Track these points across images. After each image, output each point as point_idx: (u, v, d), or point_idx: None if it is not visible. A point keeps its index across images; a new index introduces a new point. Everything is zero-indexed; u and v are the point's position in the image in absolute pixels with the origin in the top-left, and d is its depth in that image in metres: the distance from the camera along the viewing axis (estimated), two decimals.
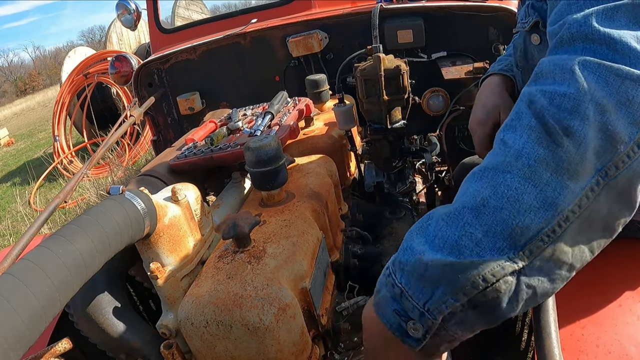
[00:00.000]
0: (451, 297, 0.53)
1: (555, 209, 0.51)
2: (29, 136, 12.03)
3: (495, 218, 0.52)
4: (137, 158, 6.10)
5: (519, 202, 0.51)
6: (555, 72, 0.54)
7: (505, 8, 1.94)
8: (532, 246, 0.51)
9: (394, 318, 0.59)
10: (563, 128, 0.51)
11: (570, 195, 0.51)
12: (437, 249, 0.54)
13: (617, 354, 0.75)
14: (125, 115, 3.23)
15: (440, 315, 0.54)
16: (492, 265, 0.51)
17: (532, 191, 0.51)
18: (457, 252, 0.53)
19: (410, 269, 0.56)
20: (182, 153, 1.19)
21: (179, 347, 0.81)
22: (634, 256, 0.95)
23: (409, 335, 0.58)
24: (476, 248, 0.52)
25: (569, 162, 0.51)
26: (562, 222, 0.51)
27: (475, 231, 0.53)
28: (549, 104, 0.53)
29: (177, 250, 0.83)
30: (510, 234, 0.51)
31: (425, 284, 0.55)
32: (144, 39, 8.59)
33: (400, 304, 0.58)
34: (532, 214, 0.51)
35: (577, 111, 0.51)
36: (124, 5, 2.65)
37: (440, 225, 0.56)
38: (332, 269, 1.01)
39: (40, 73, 38.28)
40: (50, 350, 0.69)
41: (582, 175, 0.51)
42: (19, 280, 0.53)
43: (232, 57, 2.27)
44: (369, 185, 1.48)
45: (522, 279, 0.52)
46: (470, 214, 0.54)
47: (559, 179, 0.51)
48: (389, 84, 1.26)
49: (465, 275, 0.52)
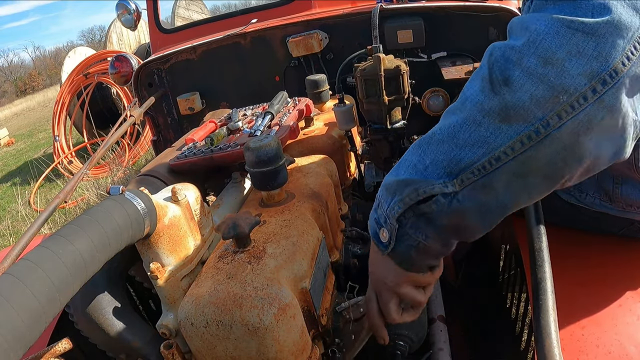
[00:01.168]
0: (398, 204, 0.66)
1: (486, 147, 0.57)
2: (29, 136, 12.03)
3: (439, 149, 0.62)
4: (137, 158, 6.10)
5: (456, 137, 0.59)
6: (518, 29, 0.58)
7: (505, 8, 1.94)
8: (464, 176, 0.59)
9: (373, 225, 0.73)
10: (504, 78, 0.55)
11: (502, 137, 0.56)
12: (404, 171, 0.66)
13: (617, 354, 0.75)
14: (125, 115, 3.23)
15: (394, 218, 0.67)
16: (428, 184, 0.62)
17: (468, 129, 0.58)
18: (412, 173, 0.65)
19: (385, 184, 0.70)
20: (182, 153, 1.19)
21: (179, 347, 0.81)
22: (634, 256, 0.95)
23: (381, 241, 0.72)
24: (424, 172, 0.63)
25: (503, 107, 0.55)
26: (492, 161, 0.57)
27: (426, 158, 0.63)
28: (501, 55, 0.57)
29: (177, 250, 0.83)
30: (447, 164, 0.60)
31: (389, 194, 0.68)
32: (144, 39, 8.59)
33: (376, 213, 0.72)
34: (466, 149, 0.59)
35: (519, 63, 0.54)
36: (124, 5, 2.65)
37: (409, 152, 0.68)
38: (332, 269, 1.01)
39: (40, 73, 38.28)
40: (50, 350, 0.69)
41: (517, 120, 0.55)
42: (19, 280, 0.53)
43: (232, 57, 2.27)
44: (369, 185, 1.48)
45: (453, 202, 0.61)
46: (425, 144, 0.64)
47: (492, 121, 0.56)
48: (389, 84, 1.26)
49: (408, 188, 0.64)
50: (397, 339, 1.01)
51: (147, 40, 7.98)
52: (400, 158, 0.70)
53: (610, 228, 1.00)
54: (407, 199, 0.64)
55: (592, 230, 1.03)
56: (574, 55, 0.51)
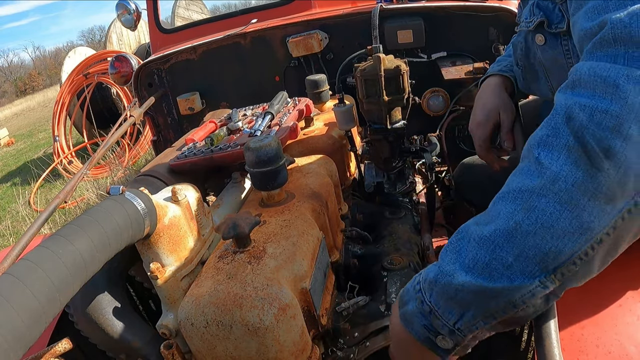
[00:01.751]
0: (481, 320, 0.55)
1: (590, 233, 0.49)
2: (29, 136, 12.03)
3: (528, 243, 0.51)
4: (137, 158, 6.10)
5: (553, 227, 0.50)
6: (597, 83, 0.50)
7: (505, 8, 1.94)
8: (564, 270, 0.51)
9: (422, 332, 0.61)
10: (604, 149, 0.47)
11: (606, 218, 0.49)
12: (468, 271, 0.54)
13: (617, 354, 0.75)
14: (125, 115, 3.23)
15: (471, 334, 0.57)
16: (523, 291, 0.51)
17: (568, 216, 0.49)
18: (487, 276, 0.53)
19: (440, 290, 0.57)
20: (182, 153, 1.19)
21: (179, 347, 0.81)
22: (633, 256, 0.94)
23: (438, 347, 0.60)
24: (506, 272, 0.52)
25: (608, 186, 0.48)
26: (595, 245, 0.50)
27: (507, 255, 0.52)
28: (589, 121, 0.48)
29: (177, 250, 0.83)
30: (542, 259, 0.50)
31: (455, 306, 0.56)
32: (144, 39, 8.58)
33: (429, 321, 0.59)
34: (566, 239, 0.49)
35: (620, 130, 0.47)
36: (124, 5, 2.65)
37: (471, 246, 0.55)
38: (332, 269, 1.01)
39: (40, 73, 38.28)
40: (50, 350, 0.69)
41: (620, 198, 0.48)
42: (19, 280, 0.53)
43: (232, 57, 2.27)
44: (369, 185, 1.48)
45: (550, 299, 0.53)
46: (501, 238, 0.52)
47: (597, 204, 0.48)
48: (389, 84, 1.26)
49: (496, 301, 0.53)
50: None
51: (147, 40, 7.97)
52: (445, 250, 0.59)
53: None
54: (500, 312, 0.53)
55: None
56: None
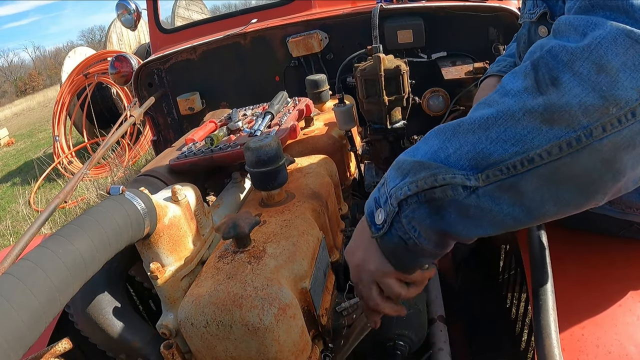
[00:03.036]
0: (408, 186, 0.61)
1: (521, 145, 0.53)
2: (29, 136, 12.03)
3: (466, 140, 0.57)
4: (137, 158, 6.10)
5: (489, 130, 0.55)
6: (568, 29, 0.54)
7: (505, 8, 1.94)
8: (490, 172, 0.55)
9: (371, 204, 0.69)
10: (552, 78, 0.52)
11: (541, 138, 0.52)
12: (422, 154, 0.62)
13: (617, 354, 0.75)
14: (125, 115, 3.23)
15: (397, 200, 0.62)
16: (449, 172, 0.58)
17: (503, 124, 0.54)
18: (431, 157, 0.60)
19: (395, 163, 0.66)
20: (182, 153, 1.19)
21: (179, 347, 0.81)
22: (633, 256, 0.95)
23: (374, 222, 0.67)
24: (445, 159, 0.59)
25: (547, 107, 0.52)
26: (525, 161, 0.53)
27: (450, 146, 0.59)
28: (548, 53, 0.54)
29: (177, 250, 0.83)
30: (474, 156, 0.56)
31: (398, 173, 0.64)
32: (144, 39, 8.58)
33: (379, 192, 0.68)
34: (498, 144, 0.55)
35: (571, 66, 0.51)
36: (124, 5, 2.65)
37: (430, 136, 0.63)
38: (332, 269, 1.01)
39: (40, 73, 38.29)
40: (50, 350, 0.69)
41: (560, 124, 0.52)
42: (19, 280, 0.53)
43: (232, 57, 2.27)
44: (369, 185, 1.48)
45: (472, 197, 0.57)
46: (450, 132, 0.60)
47: (532, 121, 0.53)
48: (389, 84, 1.26)
49: (425, 171, 0.60)
50: (397, 339, 1.01)
51: (147, 40, 7.98)
52: (419, 141, 0.66)
53: (610, 229, 1.00)
54: (422, 182, 0.60)
55: (592, 230, 1.03)
56: (629, 67, 0.49)
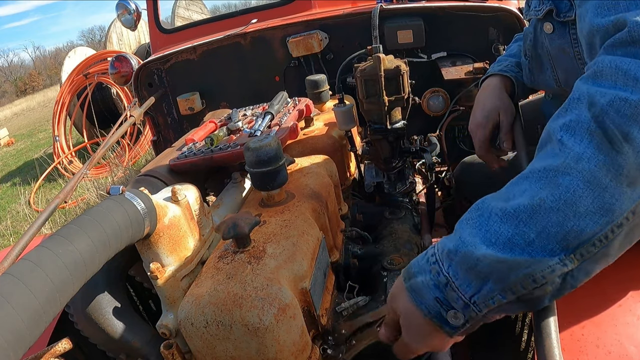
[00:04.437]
0: (499, 294, 0.55)
1: (611, 215, 0.51)
2: (29, 136, 12.03)
3: (551, 220, 0.52)
4: (137, 158, 6.10)
5: (576, 205, 0.52)
6: (618, 75, 0.53)
7: (505, 8, 1.94)
8: (584, 250, 0.52)
9: (433, 305, 0.60)
10: (623, 134, 0.50)
11: (627, 202, 0.51)
12: (489, 244, 0.55)
13: (617, 354, 0.75)
14: (125, 115, 3.23)
15: (487, 308, 0.56)
16: (543, 266, 0.53)
17: (590, 195, 0.51)
18: (508, 250, 0.54)
19: (460, 260, 0.57)
20: (182, 153, 1.19)
21: (179, 347, 0.81)
22: (633, 256, 0.94)
23: (448, 323, 0.59)
24: (528, 247, 0.53)
25: (628, 168, 0.50)
26: (615, 228, 0.52)
27: (529, 231, 0.53)
28: (609, 107, 0.52)
29: (177, 250, 0.83)
30: (564, 237, 0.52)
31: (474, 278, 0.56)
32: (144, 39, 8.58)
33: (443, 293, 0.59)
34: (587, 218, 0.51)
35: (637, 119, 0.50)
36: (124, 5, 2.65)
37: (493, 220, 0.56)
38: (332, 269, 1.01)
39: (40, 73, 38.29)
40: (50, 350, 0.69)
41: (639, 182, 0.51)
42: (19, 280, 0.53)
43: (232, 57, 2.27)
44: (369, 185, 1.48)
45: (567, 279, 0.54)
46: (525, 213, 0.54)
47: (618, 186, 0.51)
48: (389, 84, 1.25)
49: (516, 274, 0.53)
50: None
51: (147, 40, 7.97)
52: (461, 223, 0.60)
53: None
54: (518, 287, 0.54)
55: None
56: None
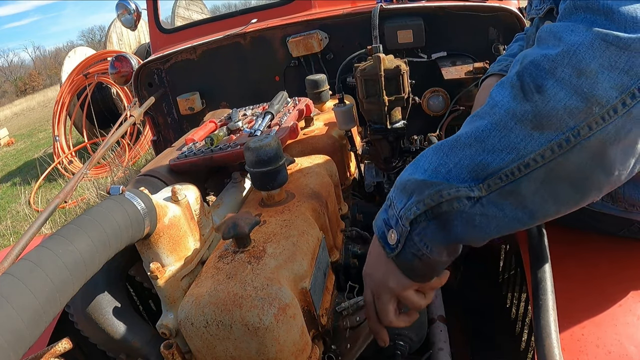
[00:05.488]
0: (416, 205, 0.64)
1: (516, 153, 0.57)
2: (29, 136, 12.03)
3: (464, 153, 0.61)
4: (137, 158, 6.10)
5: (484, 142, 0.59)
6: (548, 37, 0.58)
7: (505, 8, 1.94)
8: (491, 181, 0.59)
9: (381, 226, 0.72)
10: (536, 86, 0.56)
11: (533, 144, 0.56)
12: (422, 172, 0.65)
13: (617, 354, 0.75)
14: (125, 115, 3.23)
15: (407, 220, 0.65)
16: (452, 187, 0.61)
17: (497, 135, 0.58)
18: (433, 175, 0.63)
19: (399, 184, 0.69)
20: (182, 153, 1.19)
21: (179, 347, 0.81)
22: (634, 256, 0.95)
23: (388, 243, 0.70)
24: (447, 175, 0.62)
25: (535, 114, 0.55)
26: (522, 167, 0.57)
27: (449, 161, 0.62)
28: (531, 63, 0.57)
29: (177, 250, 0.83)
30: (473, 168, 0.60)
31: (404, 194, 0.67)
32: (144, 39, 8.58)
33: (387, 213, 0.71)
34: (494, 154, 0.58)
35: (553, 73, 0.55)
36: (124, 5, 2.65)
37: (428, 154, 0.66)
38: (332, 269, 1.01)
39: (40, 73, 38.27)
40: (50, 350, 0.69)
41: (549, 128, 0.55)
42: (19, 280, 0.53)
43: (232, 57, 2.27)
44: (369, 185, 1.48)
45: (476, 206, 0.60)
46: (447, 147, 0.63)
47: (523, 128, 0.56)
48: (389, 84, 1.26)
49: (429, 190, 0.63)
50: (397, 339, 1.01)
51: (147, 40, 7.97)
52: (416, 158, 0.69)
53: (611, 228, 1.00)
54: (429, 200, 0.63)
55: (592, 230, 1.03)
56: (607, 68, 0.52)
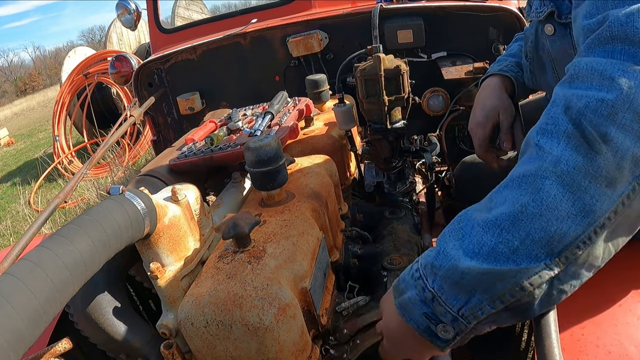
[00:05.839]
0: (487, 304, 0.55)
1: (592, 216, 0.51)
2: (29, 136, 12.02)
3: (534, 225, 0.52)
4: (137, 158, 6.10)
5: (558, 209, 0.51)
6: (594, 76, 0.53)
7: (505, 8, 1.94)
8: (568, 253, 0.52)
9: (422, 321, 0.60)
10: (601, 135, 0.50)
11: (607, 202, 0.51)
12: (473, 256, 0.55)
13: (617, 354, 0.75)
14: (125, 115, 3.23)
15: (475, 320, 0.56)
16: (530, 273, 0.52)
17: (570, 198, 0.51)
18: (493, 260, 0.53)
19: (444, 274, 0.57)
20: (182, 153, 1.19)
21: (179, 347, 0.81)
22: (634, 256, 0.95)
23: (438, 337, 0.60)
24: (513, 255, 0.53)
25: (607, 169, 0.50)
26: (598, 229, 0.52)
27: (513, 238, 0.53)
28: (586, 108, 0.52)
29: (177, 250, 0.83)
30: (547, 242, 0.52)
31: (460, 291, 0.56)
32: (144, 39, 8.58)
33: (431, 308, 0.59)
34: (569, 221, 0.51)
35: (614, 118, 0.50)
36: (124, 5, 2.65)
37: (476, 231, 0.56)
38: (332, 269, 1.01)
39: (40, 73, 38.27)
40: (50, 350, 0.69)
41: (619, 182, 0.51)
42: (19, 280, 0.53)
43: (232, 57, 2.27)
44: (369, 185, 1.48)
45: (555, 283, 0.54)
46: (507, 221, 0.54)
47: (597, 187, 0.51)
48: (389, 84, 1.25)
49: (503, 284, 0.53)
50: None
51: (147, 40, 7.97)
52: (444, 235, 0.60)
53: None
54: (507, 296, 0.54)
55: None
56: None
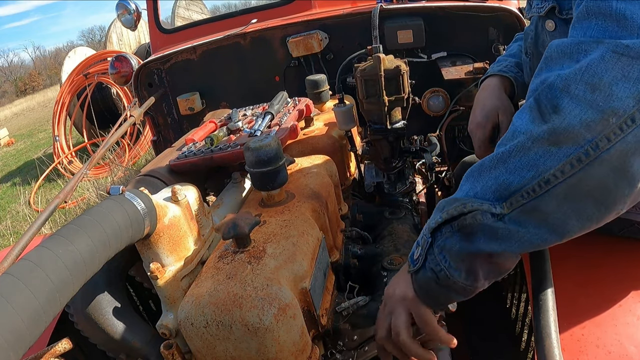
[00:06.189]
0: (440, 215, 0.67)
1: (535, 170, 0.58)
2: (29, 136, 12.02)
3: (489, 176, 0.64)
4: (137, 158, 6.10)
5: (506, 163, 0.61)
6: (560, 56, 0.60)
7: (505, 8, 1.94)
8: (513, 200, 0.60)
9: (413, 248, 0.74)
10: (553, 106, 0.57)
11: (552, 160, 0.57)
12: (459, 192, 0.68)
13: (617, 354, 0.75)
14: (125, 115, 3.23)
15: (430, 230, 0.68)
16: (476, 203, 0.64)
17: (517, 155, 0.60)
18: (465, 194, 0.66)
19: (438, 205, 0.71)
20: (182, 153, 1.19)
21: (179, 347, 0.81)
22: (634, 256, 0.95)
23: (412, 257, 0.73)
24: (474, 196, 0.65)
25: (552, 131, 0.57)
26: (542, 184, 0.58)
27: (477, 185, 0.65)
28: (544, 86, 0.59)
29: (177, 250, 0.83)
30: (497, 188, 0.62)
31: (436, 212, 0.69)
32: (144, 39, 8.58)
33: (420, 235, 0.73)
34: (515, 173, 0.60)
35: (567, 91, 0.56)
36: (124, 5, 2.65)
37: (462, 181, 0.70)
38: (332, 269, 1.01)
39: (40, 73, 38.25)
40: (50, 350, 0.69)
41: (566, 143, 0.56)
42: (19, 280, 0.53)
43: (232, 57, 2.27)
44: (369, 185, 1.48)
45: (499, 222, 0.61)
46: (476, 173, 0.66)
47: (541, 146, 0.58)
48: (389, 84, 1.25)
49: (456, 204, 0.66)
50: None
51: (147, 40, 7.97)
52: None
53: (610, 228, 0.99)
54: (452, 210, 0.65)
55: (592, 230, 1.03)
56: (620, 79, 0.52)
